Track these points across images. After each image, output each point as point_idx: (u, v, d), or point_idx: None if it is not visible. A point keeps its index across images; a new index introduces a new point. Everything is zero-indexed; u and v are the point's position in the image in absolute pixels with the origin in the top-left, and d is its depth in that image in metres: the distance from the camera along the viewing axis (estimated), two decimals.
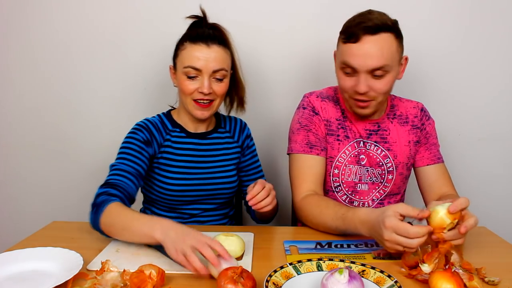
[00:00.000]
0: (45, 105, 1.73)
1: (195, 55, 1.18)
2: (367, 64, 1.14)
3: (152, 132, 1.27)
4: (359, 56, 1.14)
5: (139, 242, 1.01)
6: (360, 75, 1.16)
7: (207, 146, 1.32)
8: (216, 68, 1.19)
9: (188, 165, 1.28)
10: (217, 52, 1.20)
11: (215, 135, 1.34)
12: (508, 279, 0.88)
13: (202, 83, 1.19)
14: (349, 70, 1.17)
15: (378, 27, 1.13)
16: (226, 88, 1.25)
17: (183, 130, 1.31)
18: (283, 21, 1.65)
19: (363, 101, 1.20)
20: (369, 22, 1.13)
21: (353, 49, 1.15)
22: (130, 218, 1.00)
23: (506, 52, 1.67)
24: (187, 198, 1.28)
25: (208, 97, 1.21)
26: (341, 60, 1.18)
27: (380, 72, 1.15)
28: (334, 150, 1.30)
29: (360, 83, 1.16)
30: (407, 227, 0.89)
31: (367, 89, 1.16)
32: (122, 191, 1.12)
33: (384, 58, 1.13)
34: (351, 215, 1.05)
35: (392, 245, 0.92)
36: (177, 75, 1.24)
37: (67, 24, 1.66)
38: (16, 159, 1.78)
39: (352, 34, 1.14)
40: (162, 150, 1.27)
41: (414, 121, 1.34)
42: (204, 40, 1.19)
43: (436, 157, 1.33)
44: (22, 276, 0.90)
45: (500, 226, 1.34)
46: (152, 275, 0.83)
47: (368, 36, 1.13)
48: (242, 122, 1.42)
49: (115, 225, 1.02)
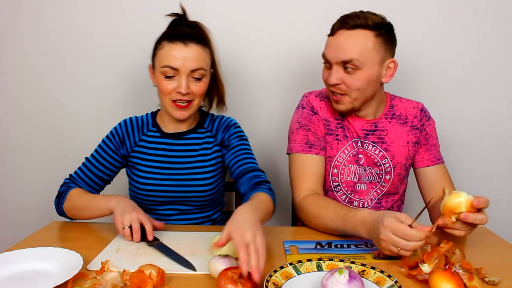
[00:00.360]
0: (45, 106, 1.73)
1: (173, 54, 1.16)
2: (337, 56, 1.18)
3: (128, 131, 1.29)
4: (332, 48, 1.19)
5: (98, 215, 1.16)
6: (333, 67, 1.20)
7: (182, 146, 1.29)
8: (194, 68, 1.17)
9: (160, 165, 1.27)
10: (195, 51, 1.18)
11: (192, 135, 1.31)
12: (508, 279, 0.88)
13: (180, 82, 1.17)
14: (327, 63, 1.22)
15: (356, 24, 1.16)
16: (205, 87, 1.22)
17: (159, 130, 1.30)
18: (282, 21, 1.65)
19: (336, 94, 1.23)
20: (351, 18, 1.17)
21: (329, 41, 1.22)
22: (90, 198, 1.20)
23: (506, 52, 1.67)
24: (159, 199, 1.26)
25: (187, 97, 1.19)
26: (323, 52, 1.23)
27: (351, 66, 1.17)
28: (333, 150, 1.30)
29: (331, 74, 1.20)
30: (406, 228, 0.89)
31: (337, 81, 1.20)
32: (81, 185, 1.27)
33: (355, 53, 1.16)
34: (351, 216, 1.05)
35: (387, 245, 0.91)
36: (155, 74, 1.22)
37: (62, 26, 1.66)
38: (16, 159, 1.78)
39: (332, 28, 1.21)
40: (135, 149, 1.28)
41: (413, 122, 1.34)
42: (181, 39, 1.17)
43: (436, 158, 1.33)
44: (22, 276, 0.90)
45: (500, 226, 1.34)
46: (152, 275, 0.83)
47: (343, 31, 1.18)
48: (224, 118, 1.36)
49: (76, 206, 1.19)
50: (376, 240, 0.95)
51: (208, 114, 1.37)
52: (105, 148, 1.29)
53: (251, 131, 1.66)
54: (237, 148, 1.28)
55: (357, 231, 1.03)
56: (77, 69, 1.70)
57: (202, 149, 1.30)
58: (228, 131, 1.31)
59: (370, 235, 0.99)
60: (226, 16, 1.65)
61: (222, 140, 1.31)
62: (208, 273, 0.89)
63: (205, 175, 1.28)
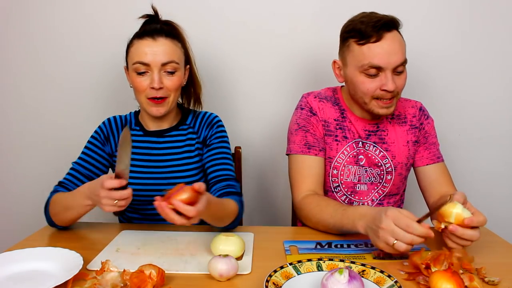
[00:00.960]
0: (45, 105, 1.73)
1: (142, 50, 1.17)
2: (392, 60, 1.14)
3: (112, 129, 1.29)
4: (383, 54, 1.13)
5: (82, 212, 1.08)
6: (386, 73, 1.15)
7: (165, 144, 1.28)
8: (165, 61, 1.17)
9: (144, 164, 1.26)
10: (165, 45, 1.18)
11: (175, 132, 1.30)
12: (508, 279, 0.88)
13: (153, 77, 1.17)
14: (373, 71, 1.16)
15: (391, 23, 1.15)
16: (179, 82, 1.21)
17: (142, 129, 1.30)
18: (282, 22, 1.65)
19: (385, 99, 1.19)
20: (380, 20, 1.14)
21: (376, 48, 1.14)
22: (69, 198, 1.10)
23: (506, 52, 1.67)
24: (145, 198, 1.24)
25: (161, 93, 1.18)
26: (363, 63, 1.15)
27: (401, 68, 1.17)
28: (332, 151, 1.29)
29: (388, 81, 1.15)
30: (409, 220, 0.89)
31: (394, 87, 1.16)
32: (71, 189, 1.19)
33: (403, 53, 1.16)
34: (351, 210, 1.05)
35: (384, 234, 0.91)
36: (129, 73, 1.22)
37: (67, 23, 1.66)
38: (16, 159, 1.78)
39: (369, 33, 1.13)
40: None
41: (412, 121, 1.34)
42: (150, 34, 1.18)
43: (436, 157, 1.33)
44: (22, 276, 0.90)
45: (500, 226, 1.34)
46: (152, 275, 0.83)
47: (386, 33, 1.14)
48: (207, 114, 1.34)
49: (60, 211, 1.11)
50: (374, 231, 0.94)
51: (190, 111, 1.35)
52: (92, 147, 1.28)
53: (251, 130, 1.67)
54: (216, 151, 1.27)
55: (353, 225, 1.02)
56: (82, 69, 1.70)
57: (185, 146, 1.29)
58: (211, 130, 1.30)
59: (367, 228, 0.98)
60: (226, 17, 1.65)
61: (205, 138, 1.30)
62: (208, 273, 0.89)
63: (189, 173, 1.26)
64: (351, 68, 1.20)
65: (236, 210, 1.12)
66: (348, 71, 1.22)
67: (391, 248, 0.91)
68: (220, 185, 1.20)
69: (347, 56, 1.21)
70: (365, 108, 1.25)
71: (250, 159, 1.74)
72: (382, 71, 1.16)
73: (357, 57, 1.17)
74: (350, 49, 1.19)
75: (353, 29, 1.17)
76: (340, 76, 1.28)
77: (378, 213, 0.94)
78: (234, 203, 1.12)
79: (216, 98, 1.69)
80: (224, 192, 1.17)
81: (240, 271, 0.90)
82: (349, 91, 1.27)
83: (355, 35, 1.17)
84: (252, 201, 1.79)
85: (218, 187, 1.20)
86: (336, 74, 1.28)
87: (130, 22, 1.25)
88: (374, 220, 0.95)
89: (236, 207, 1.12)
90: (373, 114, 1.25)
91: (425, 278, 0.86)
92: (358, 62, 1.17)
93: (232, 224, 1.13)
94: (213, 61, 1.67)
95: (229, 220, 1.10)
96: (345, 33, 1.22)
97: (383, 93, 1.18)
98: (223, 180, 1.21)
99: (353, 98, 1.28)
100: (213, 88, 1.67)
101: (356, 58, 1.17)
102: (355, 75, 1.19)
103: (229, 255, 0.90)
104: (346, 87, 1.29)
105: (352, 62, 1.20)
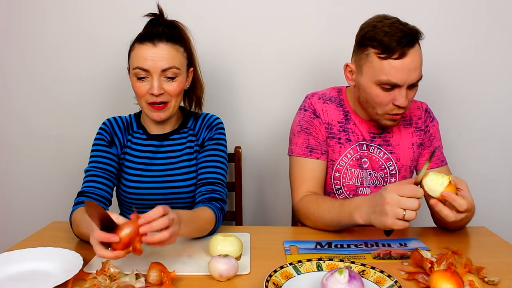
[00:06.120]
0: (45, 105, 1.73)
1: (142, 55, 1.15)
2: (410, 79, 1.11)
3: (115, 131, 1.27)
4: (403, 72, 1.10)
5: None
6: (401, 90, 1.13)
7: (167, 147, 1.27)
8: (165, 67, 1.15)
9: (147, 168, 1.24)
10: (165, 50, 1.15)
11: (176, 135, 1.28)
12: (508, 279, 0.88)
13: (152, 84, 1.15)
14: (389, 86, 1.13)
15: (414, 38, 1.11)
16: (179, 87, 1.19)
17: (145, 132, 1.28)
18: (285, 21, 1.65)
19: (398, 114, 1.18)
20: (406, 35, 1.09)
21: (397, 65, 1.10)
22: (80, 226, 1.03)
23: (506, 52, 1.67)
24: (148, 202, 1.23)
25: (161, 99, 1.16)
26: (381, 78, 1.12)
27: (416, 83, 1.15)
28: (335, 153, 1.28)
29: (401, 97, 1.13)
30: (411, 186, 0.91)
31: (407, 102, 1.14)
32: (94, 197, 1.14)
33: (421, 69, 1.13)
34: (347, 203, 1.06)
35: (393, 208, 0.92)
36: (130, 77, 1.20)
37: (69, 23, 1.67)
38: (16, 159, 1.78)
39: (393, 49, 1.09)
40: (124, 151, 1.26)
41: (418, 123, 1.32)
42: (150, 39, 1.15)
43: (440, 160, 1.31)
44: (22, 276, 0.90)
45: (500, 226, 1.34)
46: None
47: (409, 50, 1.10)
48: (207, 116, 1.32)
49: (78, 233, 1.07)
50: (380, 211, 0.94)
51: (192, 113, 1.34)
52: (100, 148, 1.24)
53: (251, 130, 1.67)
54: (210, 153, 1.25)
55: (351, 217, 1.03)
56: (81, 69, 1.69)
57: (185, 149, 1.28)
58: (210, 132, 1.29)
59: (367, 216, 0.99)
60: (226, 18, 1.65)
61: (203, 140, 1.29)
62: (207, 274, 0.89)
63: (190, 175, 1.25)
64: (367, 78, 1.16)
65: (213, 219, 1.10)
66: (363, 80, 1.17)
67: (401, 222, 0.91)
68: (204, 189, 1.19)
69: (363, 65, 1.16)
70: (373, 118, 1.23)
71: (250, 159, 1.74)
72: (398, 87, 1.13)
73: (376, 70, 1.13)
74: (369, 59, 1.14)
75: (375, 39, 1.12)
76: (352, 80, 1.23)
77: (377, 194, 0.96)
78: (209, 212, 1.09)
79: (217, 98, 1.68)
80: (206, 197, 1.16)
81: (239, 271, 0.90)
82: (359, 97, 1.24)
83: (377, 46, 1.11)
84: (252, 201, 1.79)
85: (203, 190, 1.19)
86: (347, 78, 1.24)
87: (134, 21, 1.24)
88: (375, 202, 0.96)
89: (212, 216, 1.09)
90: (379, 124, 1.24)
91: (424, 278, 0.86)
92: (376, 76, 1.13)
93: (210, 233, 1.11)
94: (215, 63, 1.67)
95: (207, 231, 1.09)
96: (365, 39, 1.15)
97: (394, 108, 1.16)
98: (209, 184, 1.20)
99: (361, 104, 1.25)
100: (214, 88, 1.67)
101: (375, 71, 1.13)
102: (370, 86, 1.15)
103: (229, 255, 0.90)
104: (356, 92, 1.25)
105: (369, 73, 1.15)
